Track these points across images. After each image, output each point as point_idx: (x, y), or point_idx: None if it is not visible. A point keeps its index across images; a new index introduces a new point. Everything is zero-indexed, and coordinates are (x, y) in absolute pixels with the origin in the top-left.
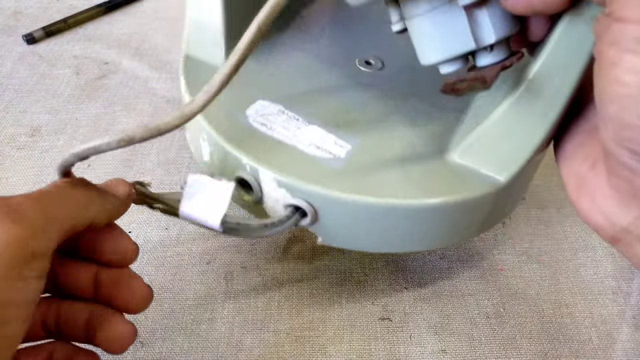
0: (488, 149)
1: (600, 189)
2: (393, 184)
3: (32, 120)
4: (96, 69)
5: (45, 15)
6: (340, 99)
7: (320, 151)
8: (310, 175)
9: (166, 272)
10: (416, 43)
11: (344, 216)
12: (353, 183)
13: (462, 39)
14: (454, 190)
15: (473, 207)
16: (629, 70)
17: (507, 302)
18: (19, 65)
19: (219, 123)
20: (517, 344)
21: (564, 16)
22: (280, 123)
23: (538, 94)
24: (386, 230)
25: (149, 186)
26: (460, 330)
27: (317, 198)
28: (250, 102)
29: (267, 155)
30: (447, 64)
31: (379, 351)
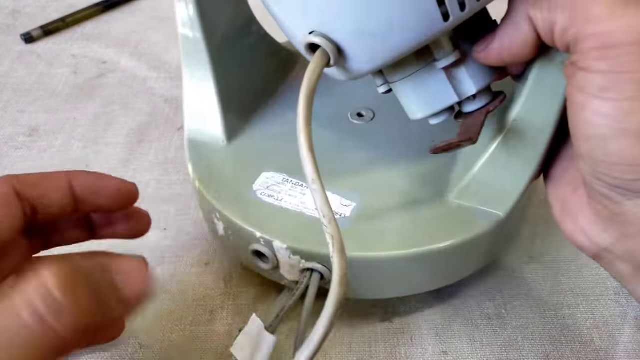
0: (484, 187)
1: (582, 212)
2: (402, 234)
3: (30, 119)
4: (94, 68)
5: (44, 14)
6: (338, 158)
7: None
8: (320, 240)
9: (165, 273)
10: (403, 102)
11: (357, 271)
12: (361, 240)
13: (445, 95)
14: (458, 231)
15: (477, 244)
16: (596, 112)
17: (508, 304)
18: (17, 65)
19: (230, 202)
20: (519, 346)
21: (537, 61)
22: (286, 192)
23: (524, 131)
24: (397, 278)
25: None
26: (461, 332)
27: (329, 259)
28: (256, 175)
29: (278, 226)
30: (434, 117)
31: (379, 353)
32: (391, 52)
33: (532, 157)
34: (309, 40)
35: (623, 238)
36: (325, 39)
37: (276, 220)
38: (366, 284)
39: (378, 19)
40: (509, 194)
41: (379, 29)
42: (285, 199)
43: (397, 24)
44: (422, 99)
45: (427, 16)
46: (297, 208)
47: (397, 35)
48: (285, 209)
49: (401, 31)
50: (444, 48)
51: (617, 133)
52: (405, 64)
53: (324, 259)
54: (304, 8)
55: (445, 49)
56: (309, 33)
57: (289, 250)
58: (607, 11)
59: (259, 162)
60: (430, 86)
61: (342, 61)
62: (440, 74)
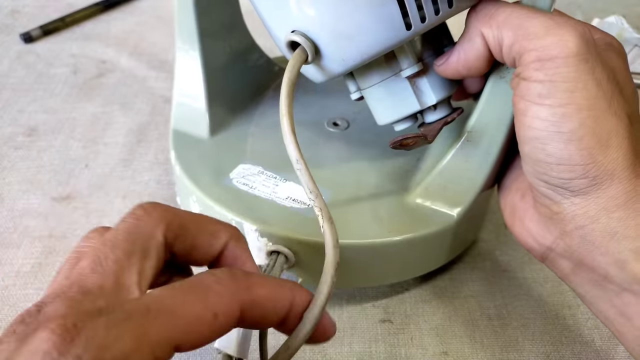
0: (441, 190)
1: (529, 215)
2: (363, 226)
3: (30, 119)
4: (94, 68)
5: (43, 13)
6: (313, 157)
7: (296, 203)
8: (287, 224)
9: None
10: (371, 108)
11: (321, 258)
12: None
13: (408, 103)
14: (414, 228)
15: (434, 240)
16: (535, 117)
17: (509, 304)
18: (16, 64)
19: (207, 186)
20: (520, 346)
21: (490, 77)
22: (260, 182)
23: (477, 142)
24: (359, 267)
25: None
26: (462, 332)
27: (294, 243)
28: (233, 166)
29: (250, 210)
30: (399, 123)
31: (379, 353)
32: (361, 54)
33: (484, 165)
34: (290, 38)
35: (562, 235)
36: (304, 37)
37: (248, 205)
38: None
39: (350, 23)
40: (462, 198)
41: (351, 32)
42: (258, 187)
43: (366, 28)
44: (388, 105)
45: (392, 24)
46: (269, 196)
47: (365, 39)
48: (258, 196)
49: (369, 35)
50: (409, 59)
51: (553, 135)
52: (375, 71)
53: (290, 243)
54: (286, 9)
55: (410, 60)
56: (291, 32)
57: (258, 232)
58: (544, 30)
59: (238, 155)
60: (396, 94)
61: (319, 59)
62: (405, 83)
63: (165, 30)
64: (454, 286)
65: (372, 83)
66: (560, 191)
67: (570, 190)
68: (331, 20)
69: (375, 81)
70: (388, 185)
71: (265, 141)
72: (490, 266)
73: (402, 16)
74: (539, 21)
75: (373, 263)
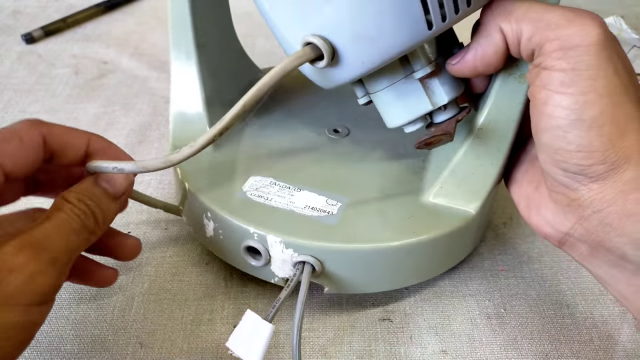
0: (456, 187)
1: (545, 204)
2: (386, 229)
3: None
4: (95, 69)
5: (44, 14)
6: (321, 165)
7: (315, 211)
8: (312, 233)
9: (165, 272)
10: (381, 112)
11: (347, 264)
12: (350, 233)
13: (420, 104)
14: (435, 227)
15: (452, 239)
16: (557, 106)
17: (508, 303)
18: (17, 65)
19: (222, 202)
20: (518, 345)
21: (498, 76)
22: (275, 193)
23: (488, 139)
24: (381, 270)
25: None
26: (460, 331)
27: (321, 251)
28: (244, 179)
29: (271, 222)
30: (410, 125)
31: (379, 352)
32: (382, 55)
33: (496, 160)
34: (308, 39)
35: (580, 220)
36: (323, 40)
37: (268, 216)
38: (355, 276)
39: (373, 24)
40: (478, 193)
41: (373, 33)
42: (274, 199)
43: (389, 29)
44: (400, 107)
45: (414, 24)
46: (287, 207)
47: (387, 40)
48: (276, 207)
49: (391, 36)
50: (422, 60)
51: (575, 123)
52: (387, 74)
53: (316, 251)
54: (304, 13)
55: (423, 61)
56: (310, 35)
57: (282, 243)
58: (566, 20)
59: (246, 166)
60: (408, 96)
61: (335, 63)
62: (417, 85)
63: (165, 31)
64: (453, 285)
65: (382, 87)
66: (578, 178)
67: (588, 176)
68: (353, 21)
69: (386, 84)
70: (401, 187)
71: (270, 151)
72: (488, 265)
73: (425, 13)
74: (559, 13)
75: (401, 265)
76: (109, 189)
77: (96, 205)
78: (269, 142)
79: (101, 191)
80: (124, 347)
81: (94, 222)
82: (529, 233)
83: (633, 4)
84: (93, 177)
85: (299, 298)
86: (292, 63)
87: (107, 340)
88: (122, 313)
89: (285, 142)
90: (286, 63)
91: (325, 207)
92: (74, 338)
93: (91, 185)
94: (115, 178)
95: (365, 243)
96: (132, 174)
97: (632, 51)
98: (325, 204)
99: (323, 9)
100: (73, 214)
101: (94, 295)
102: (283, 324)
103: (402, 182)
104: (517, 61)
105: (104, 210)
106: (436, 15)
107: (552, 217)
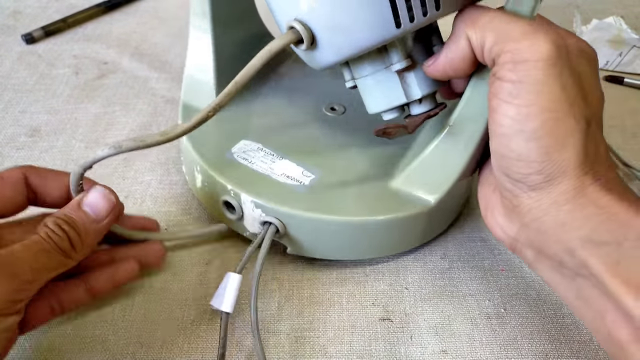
0: (421, 177)
1: (497, 207)
2: (347, 205)
3: (32, 120)
4: (95, 69)
5: (45, 14)
6: (309, 138)
7: (289, 179)
8: (279, 198)
9: (166, 272)
10: (363, 97)
11: (307, 230)
12: (314, 204)
13: (396, 95)
14: (395, 209)
15: (411, 222)
16: (504, 115)
17: (507, 303)
18: (18, 65)
19: (210, 158)
20: (518, 345)
21: (472, 77)
22: (259, 158)
23: (458, 135)
24: (340, 241)
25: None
26: (461, 331)
27: (285, 215)
28: (236, 141)
29: (247, 183)
30: (387, 113)
31: (379, 352)
32: (354, 46)
33: (462, 156)
34: (290, 24)
35: (522, 227)
36: (303, 26)
37: (246, 178)
38: (314, 242)
39: (346, 16)
40: (440, 186)
41: (346, 24)
42: (257, 163)
43: (360, 23)
44: (378, 95)
45: (383, 21)
46: (265, 171)
47: (359, 33)
48: (255, 170)
49: (363, 30)
50: (399, 54)
51: (517, 133)
52: (368, 63)
53: (280, 215)
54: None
55: (400, 55)
56: (293, 20)
57: (253, 203)
58: (521, 34)
59: (241, 131)
60: (385, 86)
61: (315, 48)
62: (394, 76)
63: (166, 31)
64: (453, 285)
65: (364, 74)
66: (519, 185)
67: (527, 184)
68: (329, 12)
69: (368, 72)
70: (375, 170)
71: (268, 120)
72: (488, 265)
73: (393, 15)
74: (518, 25)
75: (354, 239)
76: (89, 213)
77: (72, 229)
78: (270, 110)
79: (82, 214)
80: (124, 346)
81: (68, 245)
82: None
83: (633, 4)
84: (77, 201)
85: (261, 252)
86: (276, 44)
87: (107, 340)
88: (122, 313)
89: (284, 114)
90: (272, 45)
91: (299, 177)
92: (75, 337)
93: (72, 209)
94: (97, 203)
95: (324, 214)
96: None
97: (632, 51)
98: (301, 175)
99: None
100: (47, 236)
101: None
102: (283, 323)
103: (378, 165)
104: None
105: (81, 234)
106: (404, 16)
107: (503, 221)
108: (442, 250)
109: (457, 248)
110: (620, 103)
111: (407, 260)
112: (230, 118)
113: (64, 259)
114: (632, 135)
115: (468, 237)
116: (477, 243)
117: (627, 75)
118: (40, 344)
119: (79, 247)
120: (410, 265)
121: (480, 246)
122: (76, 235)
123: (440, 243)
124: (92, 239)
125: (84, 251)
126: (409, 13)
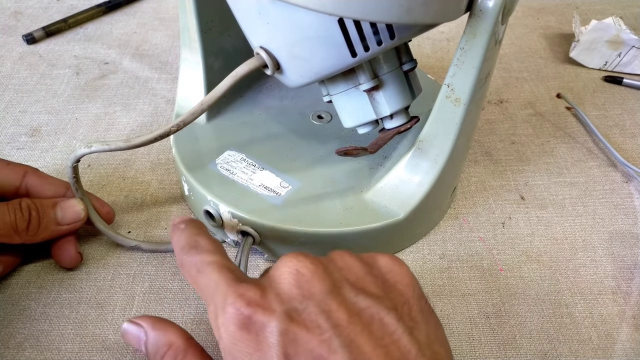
0: (392, 191)
1: None
2: (317, 217)
3: (32, 120)
4: (96, 69)
5: (45, 15)
6: (292, 148)
7: (266, 190)
8: (254, 210)
9: (166, 272)
10: (338, 112)
11: (279, 240)
12: (287, 215)
13: (366, 112)
14: (363, 221)
15: (375, 236)
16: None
17: (506, 302)
18: (19, 65)
19: (194, 169)
20: (517, 344)
21: (438, 97)
22: (240, 169)
23: (427, 151)
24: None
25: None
26: (459, 330)
27: (259, 227)
28: (222, 151)
29: (226, 194)
30: (361, 127)
31: None
32: (315, 73)
33: (432, 171)
34: (257, 51)
35: None
36: (267, 53)
37: (225, 189)
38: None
39: (303, 48)
40: (409, 200)
41: (304, 55)
42: (238, 174)
43: (317, 54)
44: (350, 112)
45: (339, 52)
46: (245, 182)
47: (317, 62)
48: (235, 182)
49: (320, 59)
50: (366, 75)
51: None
52: (339, 82)
53: (255, 226)
54: (254, 29)
55: (367, 76)
56: (259, 47)
57: (230, 213)
58: (211, 292)
59: (228, 141)
60: (356, 103)
61: (280, 72)
62: (364, 95)
63: (166, 31)
64: (452, 285)
65: (337, 91)
66: None
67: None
68: (287, 44)
69: (340, 90)
70: (352, 181)
71: (255, 130)
72: (487, 265)
73: (348, 46)
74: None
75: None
76: (57, 215)
77: (37, 218)
78: (257, 121)
79: (51, 212)
80: (125, 346)
81: (24, 227)
82: (528, 232)
83: (632, 4)
84: (55, 201)
85: (242, 260)
86: (243, 69)
87: (107, 340)
88: (122, 312)
89: (270, 123)
90: (238, 70)
91: (276, 188)
92: (75, 337)
93: (48, 206)
94: (67, 210)
95: (293, 226)
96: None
97: (631, 52)
98: (278, 186)
99: (266, 28)
100: (13, 209)
101: (94, 294)
102: None
103: (355, 177)
104: (451, 86)
105: (40, 226)
106: (358, 46)
107: None
108: (441, 250)
109: (456, 248)
110: (619, 103)
111: (406, 260)
112: (219, 128)
113: (13, 234)
114: (632, 135)
115: (467, 236)
116: (476, 243)
117: (626, 76)
118: (40, 342)
119: (31, 234)
120: (409, 265)
121: (479, 246)
122: (36, 225)
123: (439, 243)
124: (47, 234)
125: (32, 239)
126: (363, 43)
